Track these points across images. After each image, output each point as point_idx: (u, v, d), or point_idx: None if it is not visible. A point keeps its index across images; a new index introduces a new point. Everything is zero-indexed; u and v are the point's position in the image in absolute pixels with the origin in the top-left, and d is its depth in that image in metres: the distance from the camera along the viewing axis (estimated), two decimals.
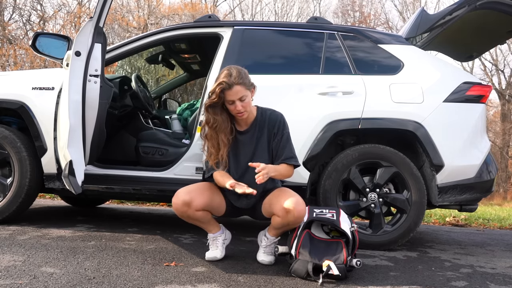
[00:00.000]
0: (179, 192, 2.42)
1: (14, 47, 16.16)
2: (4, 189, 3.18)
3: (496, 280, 2.48)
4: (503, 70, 23.72)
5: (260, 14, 24.97)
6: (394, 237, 3.08)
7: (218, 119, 2.46)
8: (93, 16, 2.82)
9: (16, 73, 3.64)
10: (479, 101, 3.23)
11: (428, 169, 3.15)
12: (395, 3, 36.07)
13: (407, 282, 2.33)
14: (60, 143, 2.83)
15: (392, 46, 3.32)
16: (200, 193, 2.44)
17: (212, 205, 2.48)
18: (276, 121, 2.53)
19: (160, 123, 4.22)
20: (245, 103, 2.41)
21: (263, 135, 2.53)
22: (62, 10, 18.64)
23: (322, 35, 3.36)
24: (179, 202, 2.39)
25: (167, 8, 20.78)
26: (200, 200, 2.41)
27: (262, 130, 2.53)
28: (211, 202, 2.47)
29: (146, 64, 11.06)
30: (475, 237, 4.23)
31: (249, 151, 2.52)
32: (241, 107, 2.40)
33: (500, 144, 23.01)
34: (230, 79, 2.36)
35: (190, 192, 2.41)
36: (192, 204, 2.39)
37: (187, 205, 2.38)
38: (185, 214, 2.42)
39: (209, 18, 3.47)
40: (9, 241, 2.73)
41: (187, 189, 2.44)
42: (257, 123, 2.53)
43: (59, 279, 2.04)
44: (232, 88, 2.36)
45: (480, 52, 4.05)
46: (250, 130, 2.53)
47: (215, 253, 2.54)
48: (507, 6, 3.19)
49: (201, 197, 2.42)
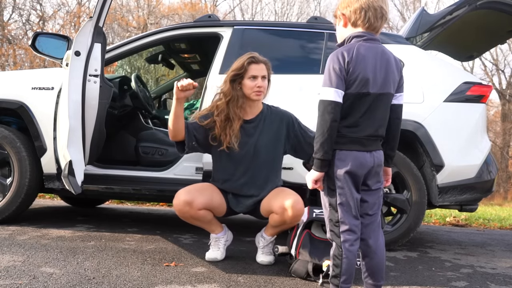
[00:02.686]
0: (179, 193, 2.42)
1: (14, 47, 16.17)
2: (4, 189, 3.17)
3: (496, 280, 2.47)
4: (503, 70, 23.72)
5: (260, 14, 24.96)
6: (394, 237, 3.08)
7: (234, 94, 2.46)
8: (93, 16, 2.81)
9: (16, 73, 3.64)
10: (480, 101, 3.22)
11: (428, 169, 3.15)
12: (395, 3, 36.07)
13: (407, 282, 2.32)
14: (59, 143, 2.83)
15: (392, 46, 3.31)
16: (200, 193, 2.44)
17: (213, 205, 2.48)
18: (286, 113, 2.59)
19: (160, 123, 4.22)
20: (264, 84, 2.46)
21: (270, 129, 2.53)
22: (61, 10, 18.67)
23: (322, 35, 3.35)
24: (180, 202, 2.39)
25: (167, 8, 20.81)
26: (201, 199, 2.41)
27: (268, 123, 2.53)
28: (212, 201, 2.47)
29: (146, 64, 11.06)
30: (475, 237, 4.23)
31: (251, 141, 2.50)
32: (262, 83, 2.43)
33: (500, 144, 23.01)
34: (258, 56, 2.47)
35: (190, 192, 2.42)
36: (193, 204, 2.39)
37: (188, 204, 2.38)
38: (187, 214, 2.42)
39: (209, 18, 3.47)
40: (9, 241, 2.73)
41: (187, 189, 2.45)
42: (263, 116, 2.54)
43: (59, 279, 2.03)
44: (259, 63, 2.45)
45: (480, 52, 4.05)
46: (255, 121, 2.53)
47: (215, 254, 2.54)
48: (507, 6, 3.19)
49: (201, 196, 2.43)
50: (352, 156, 1.63)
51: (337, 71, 1.57)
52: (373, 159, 1.67)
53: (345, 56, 1.58)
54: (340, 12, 1.67)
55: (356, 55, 1.58)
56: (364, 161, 1.64)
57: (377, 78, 1.60)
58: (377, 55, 1.62)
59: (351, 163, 1.62)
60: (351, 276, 1.66)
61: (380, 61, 1.62)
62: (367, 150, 1.65)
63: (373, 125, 1.64)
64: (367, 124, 1.63)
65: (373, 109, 1.62)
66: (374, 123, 1.65)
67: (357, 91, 1.59)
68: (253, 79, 2.43)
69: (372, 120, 1.64)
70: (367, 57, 1.59)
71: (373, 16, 1.59)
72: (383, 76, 1.62)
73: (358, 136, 1.63)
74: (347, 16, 1.64)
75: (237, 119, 2.46)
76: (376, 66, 1.61)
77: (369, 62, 1.59)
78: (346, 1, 1.65)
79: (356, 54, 1.58)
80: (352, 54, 1.58)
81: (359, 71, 1.58)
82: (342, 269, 1.63)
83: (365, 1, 1.60)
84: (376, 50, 1.62)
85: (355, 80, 1.58)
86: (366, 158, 1.65)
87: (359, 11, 1.60)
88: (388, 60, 1.64)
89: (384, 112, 1.67)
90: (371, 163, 1.66)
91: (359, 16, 1.60)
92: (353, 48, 1.60)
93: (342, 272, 1.63)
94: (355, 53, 1.58)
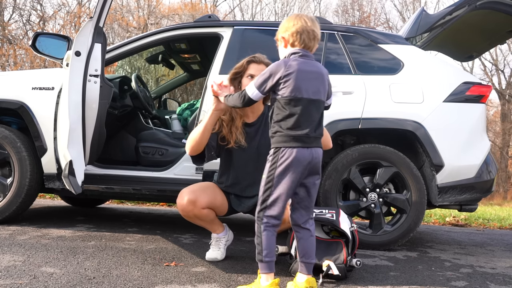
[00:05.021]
0: (183, 192, 2.43)
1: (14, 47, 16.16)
2: (4, 189, 3.18)
3: (496, 280, 2.48)
4: (503, 70, 23.73)
5: (260, 14, 24.99)
6: (394, 237, 3.08)
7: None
8: (93, 16, 2.82)
9: (16, 73, 3.64)
10: (479, 101, 3.23)
11: (428, 169, 3.15)
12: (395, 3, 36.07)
13: (407, 282, 2.33)
14: (60, 143, 2.83)
15: (392, 46, 3.32)
16: (203, 191, 2.45)
17: (215, 204, 2.48)
18: None
19: (160, 123, 4.22)
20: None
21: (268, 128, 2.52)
22: (62, 10, 18.66)
23: (322, 35, 3.34)
24: (184, 202, 2.39)
25: (167, 8, 20.79)
26: (204, 197, 2.42)
27: (268, 124, 2.52)
28: (215, 200, 2.48)
29: (146, 64, 11.05)
30: (475, 237, 4.23)
31: (253, 143, 2.50)
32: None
33: (500, 144, 23.01)
34: (261, 57, 2.45)
35: (194, 191, 2.43)
36: (197, 202, 2.39)
37: (192, 203, 2.39)
38: (191, 213, 2.42)
39: (209, 18, 3.47)
40: (9, 241, 2.73)
41: (190, 188, 2.46)
42: (264, 117, 2.54)
43: (59, 279, 2.04)
44: (259, 64, 2.42)
45: (480, 52, 4.05)
46: (257, 123, 2.53)
47: (216, 254, 2.54)
48: (507, 6, 3.19)
49: (205, 194, 2.44)
50: (293, 152, 1.88)
51: (271, 78, 1.89)
52: (312, 155, 1.91)
53: (282, 67, 1.89)
54: (281, 36, 1.97)
55: (292, 66, 1.88)
56: (302, 157, 1.89)
57: (309, 87, 1.90)
58: (310, 68, 1.92)
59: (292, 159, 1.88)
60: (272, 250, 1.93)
61: (311, 73, 1.92)
62: (307, 146, 1.90)
63: (310, 126, 1.90)
64: (305, 125, 1.89)
65: (307, 112, 1.89)
66: (311, 124, 1.91)
67: (292, 95, 1.87)
68: (251, 78, 2.38)
69: (309, 122, 1.90)
70: (301, 70, 1.89)
71: (307, 38, 1.91)
72: (314, 85, 1.92)
73: (297, 134, 1.88)
74: (286, 38, 1.95)
75: (239, 117, 2.47)
76: (308, 77, 1.91)
77: (302, 73, 1.89)
78: (284, 26, 1.95)
79: (292, 66, 1.88)
80: (289, 66, 1.88)
81: (294, 79, 1.87)
82: (263, 245, 1.91)
83: (300, 26, 1.91)
84: (310, 64, 1.93)
85: (290, 86, 1.87)
86: (305, 154, 1.89)
87: (295, 34, 1.92)
88: (319, 72, 1.95)
89: (318, 115, 1.95)
90: (309, 158, 1.90)
91: (295, 38, 1.92)
92: (290, 62, 1.90)
93: (263, 247, 1.91)
94: (292, 65, 1.88)
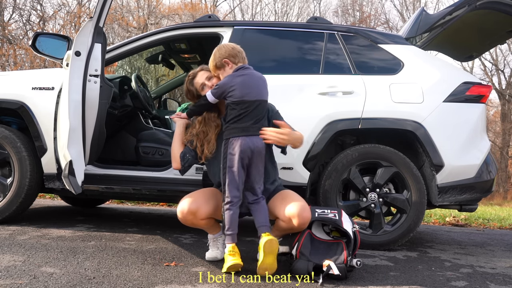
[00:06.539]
0: (185, 201, 2.43)
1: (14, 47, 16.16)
2: (4, 189, 3.18)
3: (496, 280, 2.48)
4: (503, 70, 23.72)
5: (260, 14, 24.98)
6: (394, 237, 3.08)
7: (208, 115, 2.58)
8: (93, 16, 2.82)
9: (16, 73, 3.64)
10: (479, 101, 3.23)
11: (428, 169, 3.16)
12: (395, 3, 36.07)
13: (407, 282, 2.33)
14: (60, 143, 2.83)
15: (392, 46, 3.32)
16: (205, 202, 2.45)
17: (216, 213, 2.48)
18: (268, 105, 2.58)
19: (160, 123, 4.22)
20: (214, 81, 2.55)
21: None
22: (62, 10, 18.64)
23: (322, 35, 3.36)
24: (184, 211, 2.40)
25: (167, 8, 20.80)
26: (205, 209, 2.43)
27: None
28: (216, 209, 2.47)
29: (146, 64, 11.07)
30: (475, 237, 4.23)
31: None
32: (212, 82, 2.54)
33: (500, 144, 23.01)
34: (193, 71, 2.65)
35: (196, 201, 2.42)
36: (197, 213, 2.41)
37: (192, 214, 2.40)
38: (189, 222, 2.45)
39: (209, 18, 3.47)
40: (9, 241, 2.73)
41: (192, 197, 2.45)
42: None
43: (59, 279, 2.04)
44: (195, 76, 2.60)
45: (480, 52, 4.05)
46: None
47: (215, 253, 2.54)
48: (507, 6, 3.19)
49: (206, 206, 2.43)
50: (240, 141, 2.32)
51: (224, 87, 2.39)
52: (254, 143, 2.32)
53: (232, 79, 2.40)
54: (224, 60, 2.47)
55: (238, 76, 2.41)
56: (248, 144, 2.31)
57: (252, 90, 2.39)
58: (252, 77, 2.44)
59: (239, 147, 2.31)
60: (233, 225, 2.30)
61: (254, 80, 2.44)
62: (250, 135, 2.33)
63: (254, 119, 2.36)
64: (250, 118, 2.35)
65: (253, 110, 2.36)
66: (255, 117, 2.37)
67: (240, 99, 2.35)
68: (205, 86, 2.56)
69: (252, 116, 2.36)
70: (245, 79, 2.41)
71: (241, 56, 2.50)
72: (256, 89, 2.42)
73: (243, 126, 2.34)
74: (230, 60, 2.48)
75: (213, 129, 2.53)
76: (251, 83, 2.42)
77: (246, 81, 2.41)
78: (223, 54, 2.48)
79: (238, 76, 2.41)
80: (236, 77, 2.41)
81: (240, 86, 2.37)
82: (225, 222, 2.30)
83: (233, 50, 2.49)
84: (251, 74, 2.46)
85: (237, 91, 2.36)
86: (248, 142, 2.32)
87: (233, 56, 2.48)
88: (259, 78, 2.46)
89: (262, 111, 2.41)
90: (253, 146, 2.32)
91: (234, 59, 2.48)
92: (237, 74, 2.43)
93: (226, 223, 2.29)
94: (238, 76, 2.41)
